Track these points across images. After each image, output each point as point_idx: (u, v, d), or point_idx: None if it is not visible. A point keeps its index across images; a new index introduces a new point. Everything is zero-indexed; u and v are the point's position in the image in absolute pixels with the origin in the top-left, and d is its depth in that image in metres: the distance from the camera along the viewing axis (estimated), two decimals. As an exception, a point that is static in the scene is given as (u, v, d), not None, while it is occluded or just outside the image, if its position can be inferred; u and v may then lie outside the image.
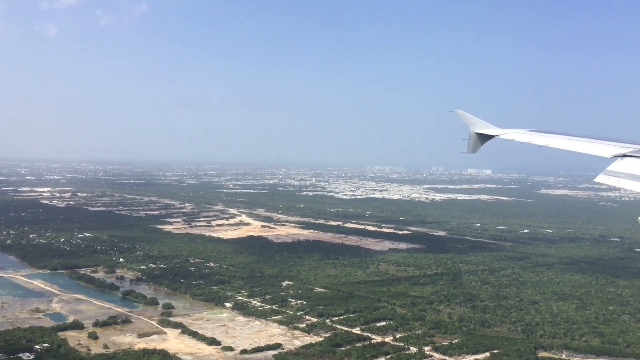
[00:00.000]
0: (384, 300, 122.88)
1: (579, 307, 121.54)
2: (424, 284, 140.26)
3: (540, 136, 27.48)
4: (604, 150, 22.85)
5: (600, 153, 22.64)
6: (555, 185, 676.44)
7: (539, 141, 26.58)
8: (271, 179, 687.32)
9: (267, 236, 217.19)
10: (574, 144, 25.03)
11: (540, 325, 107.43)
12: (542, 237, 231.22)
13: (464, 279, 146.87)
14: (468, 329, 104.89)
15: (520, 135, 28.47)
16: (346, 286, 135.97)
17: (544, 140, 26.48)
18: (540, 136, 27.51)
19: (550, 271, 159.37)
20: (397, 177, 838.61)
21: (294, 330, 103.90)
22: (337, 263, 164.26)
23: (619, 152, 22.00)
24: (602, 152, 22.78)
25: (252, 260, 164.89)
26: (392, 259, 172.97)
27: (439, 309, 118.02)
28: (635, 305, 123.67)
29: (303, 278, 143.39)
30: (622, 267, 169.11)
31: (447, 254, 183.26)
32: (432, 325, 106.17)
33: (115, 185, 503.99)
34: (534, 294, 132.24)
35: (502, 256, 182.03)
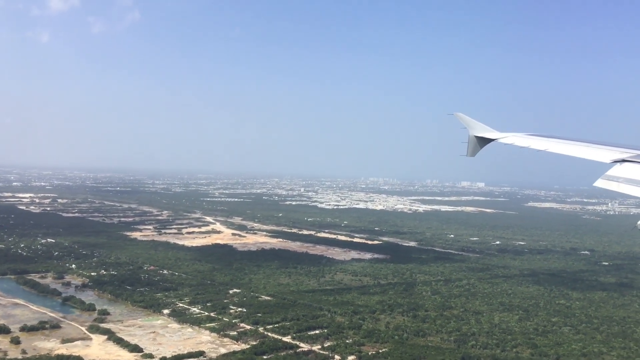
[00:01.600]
0: (325, 309, 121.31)
1: (522, 318, 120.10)
2: (373, 294, 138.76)
3: (540, 140, 27.23)
4: (603, 155, 22.65)
5: (600, 158, 22.49)
6: (544, 199, 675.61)
7: (538, 145, 26.32)
8: (260, 188, 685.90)
9: (233, 244, 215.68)
10: (573, 148, 24.78)
11: (475, 336, 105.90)
12: (512, 249, 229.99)
13: (415, 289, 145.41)
14: (400, 338, 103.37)
15: (519, 139, 28.13)
16: (293, 295, 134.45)
17: (543, 145, 26.21)
18: (539, 140, 27.25)
19: (506, 283, 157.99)
20: (388, 188, 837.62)
21: (224, 338, 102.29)
22: (293, 272, 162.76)
23: (618, 157, 21.85)
24: (601, 157, 22.60)
25: (207, 268, 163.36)
26: (351, 268, 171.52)
27: (378, 318, 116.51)
28: (580, 318, 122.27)
29: (252, 286, 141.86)
30: (581, 280, 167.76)
31: (409, 264, 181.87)
32: (365, 334, 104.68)
33: (100, 193, 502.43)
34: (481, 305, 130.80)
35: (464, 267, 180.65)
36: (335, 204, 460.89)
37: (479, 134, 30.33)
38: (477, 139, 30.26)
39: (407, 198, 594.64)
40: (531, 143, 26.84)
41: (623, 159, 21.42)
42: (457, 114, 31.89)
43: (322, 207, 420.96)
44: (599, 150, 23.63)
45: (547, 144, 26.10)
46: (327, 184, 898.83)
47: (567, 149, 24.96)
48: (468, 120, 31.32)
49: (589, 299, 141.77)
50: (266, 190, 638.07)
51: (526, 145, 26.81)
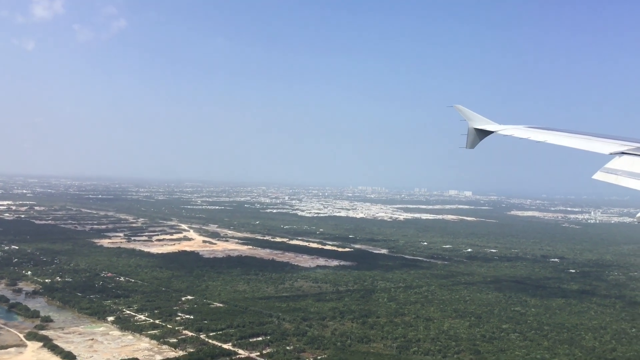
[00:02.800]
0: (275, 315, 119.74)
1: (472, 325, 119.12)
2: (329, 300, 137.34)
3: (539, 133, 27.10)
4: (602, 148, 22.46)
5: (599, 150, 22.31)
6: (528, 207, 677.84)
7: (537, 137, 26.27)
8: (245, 196, 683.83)
9: (200, 251, 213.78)
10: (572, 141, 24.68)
11: (420, 342, 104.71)
12: (482, 256, 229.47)
13: (373, 296, 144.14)
14: (343, 345, 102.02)
15: (518, 131, 28.00)
16: (247, 301, 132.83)
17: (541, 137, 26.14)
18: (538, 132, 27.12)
19: (466, 290, 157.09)
20: (374, 197, 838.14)
21: (163, 345, 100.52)
22: (253, 279, 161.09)
23: (617, 149, 21.68)
24: (600, 149, 22.42)
25: (166, 275, 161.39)
26: (313, 275, 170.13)
27: (327, 325, 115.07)
28: (532, 324, 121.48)
29: (207, 293, 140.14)
30: (544, 287, 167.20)
31: (373, 271, 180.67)
32: (308, 340, 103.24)
33: (80, 200, 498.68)
34: (435, 312, 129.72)
35: (428, 274, 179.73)
36: (316, 212, 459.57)
37: (479, 126, 30.34)
38: (477, 131, 30.27)
39: (391, 206, 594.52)
40: (530, 135, 26.82)
41: (622, 151, 21.21)
42: (457, 106, 31.93)
43: (302, 215, 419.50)
44: (598, 142, 23.44)
45: (545, 136, 26.04)
46: (313, 192, 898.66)
47: (566, 141, 24.85)
48: (467, 112, 31.31)
49: (546, 306, 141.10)
50: (250, 199, 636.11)
51: (525, 137, 26.77)
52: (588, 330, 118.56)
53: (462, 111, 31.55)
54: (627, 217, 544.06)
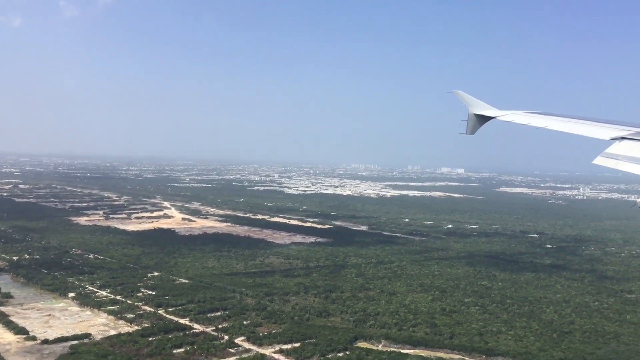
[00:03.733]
0: (238, 291, 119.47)
1: (435, 299, 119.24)
2: (296, 276, 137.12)
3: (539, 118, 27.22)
4: (602, 133, 22.56)
5: (599, 135, 22.44)
6: (518, 184, 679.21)
7: (537, 123, 26.36)
8: (235, 174, 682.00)
9: (178, 229, 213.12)
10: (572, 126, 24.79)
11: (378, 316, 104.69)
12: (461, 232, 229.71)
13: (342, 272, 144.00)
14: (300, 319, 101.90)
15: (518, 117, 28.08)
16: (213, 277, 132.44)
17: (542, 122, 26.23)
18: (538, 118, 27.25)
19: (437, 264, 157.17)
20: (366, 174, 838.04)
21: (120, 321, 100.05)
22: (224, 255, 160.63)
23: (617, 134, 21.79)
24: (600, 134, 22.52)
25: (137, 252, 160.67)
26: (286, 252, 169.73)
27: (289, 300, 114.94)
28: (495, 298, 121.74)
29: (175, 270, 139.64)
30: (516, 262, 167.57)
31: (348, 247, 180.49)
32: (266, 315, 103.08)
33: (67, 178, 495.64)
34: (401, 286, 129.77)
35: (402, 250, 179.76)
36: (303, 189, 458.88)
37: (479, 112, 30.31)
38: (477, 116, 30.26)
39: (380, 184, 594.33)
40: (530, 121, 26.86)
41: (622, 136, 21.35)
42: (457, 92, 31.84)
43: (288, 193, 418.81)
44: (598, 127, 23.56)
45: (546, 122, 26.09)
46: (305, 170, 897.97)
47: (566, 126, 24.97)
48: (468, 98, 31.27)
49: (514, 280, 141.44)
50: (240, 177, 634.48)
51: (525, 123, 26.76)
52: (550, 303, 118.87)
53: (462, 97, 31.45)
54: (616, 193, 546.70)
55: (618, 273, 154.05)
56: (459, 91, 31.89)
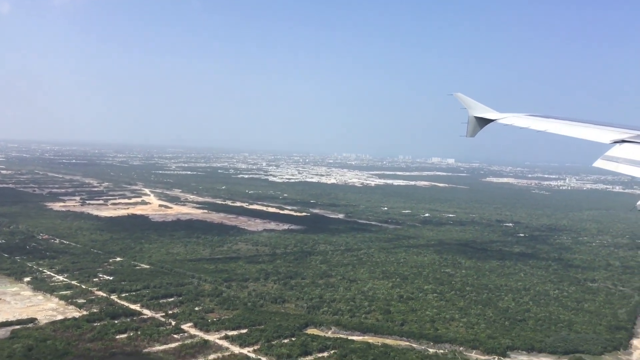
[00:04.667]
0: (197, 277, 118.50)
1: (395, 286, 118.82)
2: (260, 262, 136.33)
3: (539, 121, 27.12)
4: (602, 136, 22.58)
5: (599, 139, 22.42)
6: (506, 174, 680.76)
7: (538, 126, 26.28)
8: (223, 162, 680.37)
9: (152, 215, 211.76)
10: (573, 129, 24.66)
11: (334, 303, 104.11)
12: (437, 221, 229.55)
13: (307, 259, 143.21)
14: (254, 305, 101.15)
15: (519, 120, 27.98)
16: (175, 263, 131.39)
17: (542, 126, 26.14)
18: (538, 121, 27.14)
19: (405, 252, 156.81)
20: (355, 163, 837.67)
21: (70, 306, 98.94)
22: (193, 241, 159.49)
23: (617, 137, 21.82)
24: (600, 137, 22.53)
25: (105, 238, 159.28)
26: (256, 238, 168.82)
27: (247, 286, 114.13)
28: (455, 286, 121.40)
29: (138, 255, 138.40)
30: (485, 250, 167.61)
31: (319, 234, 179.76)
32: (220, 301, 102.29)
33: (52, 165, 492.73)
34: (364, 273, 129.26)
35: (373, 237, 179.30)
36: (289, 177, 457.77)
37: (479, 115, 30.15)
38: (477, 119, 30.13)
39: (368, 173, 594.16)
40: (531, 124, 26.75)
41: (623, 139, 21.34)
42: (457, 95, 31.68)
43: (272, 181, 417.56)
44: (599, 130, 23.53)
45: (546, 125, 26.03)
46: (295, 158, 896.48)
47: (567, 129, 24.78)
48: (468, 100, 31.11)
49: (479, 267, 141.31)
50: (228, 165, 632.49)
51: (526, 126, 26.67)
52: (510, 291, 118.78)
53: (463, 99, 31.21)
54: (602, 184, 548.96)
55: (584, 262, 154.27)
56: (459, 94, 31.71)
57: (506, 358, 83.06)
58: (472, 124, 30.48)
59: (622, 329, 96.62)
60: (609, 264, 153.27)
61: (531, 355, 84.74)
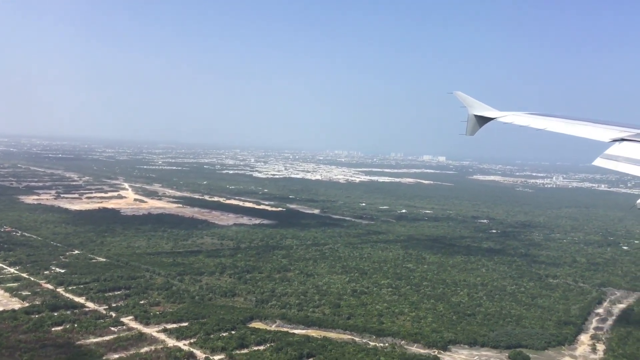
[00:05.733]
0: (151, 270, 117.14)
1: (352, 280, 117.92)
2: (221, 256, 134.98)
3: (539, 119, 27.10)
4: (602, 134, 22.55)
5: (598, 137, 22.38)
6: (494, 172, 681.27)
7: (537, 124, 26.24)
8: (212, 158, 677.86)
9: (124, 209, 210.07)
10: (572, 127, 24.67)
11: (284, 297, 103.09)
12: (412, 217, 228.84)
13: (270, 253, 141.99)
14: (202, 299, 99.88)
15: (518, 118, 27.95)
16: (133, 257, 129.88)
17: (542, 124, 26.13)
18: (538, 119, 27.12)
19: (371, 247, 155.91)
20: (345, 160, 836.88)
21: (14, 297, 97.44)
22: (158, 235, 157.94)
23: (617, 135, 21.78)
24: (600, 136, 22.48)
25: (69, 231, 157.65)
26: (223, 233, 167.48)
27: (200, 280, 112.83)
28: (413, 280, 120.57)
29: (98, 249, 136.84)
30: (453, 245, 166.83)
31: (289, 229, 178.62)
32: (168, 294, 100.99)
33: (37, 159, 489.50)
34: (323, 268, 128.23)
35: (343, 232, 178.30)
36: (274, 173, 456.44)
37: (478, 113, 30.12)
38: (477, 118, 30.09)
39: (356, 169, 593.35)
40: (530, 122, 26.78)
41: (622, 137, 21.31)
42: (457, 93, 31.63)
43: (256, 177, 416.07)
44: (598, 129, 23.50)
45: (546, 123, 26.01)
46: (286, 155, 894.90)
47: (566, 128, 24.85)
48: (467, 99, 31.10)
49: (442, 263, 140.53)
50: (216, 160, 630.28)
51: (525, 124, 26.69)
52: (467, 286, 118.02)
53: (462, 98, 31.16)
54: (588, 182, 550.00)
55: (550, 258, 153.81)
56: (459, 92, 31.52)
57: (447, 352, 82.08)
58: (471, 122, 30.34)
59: (571, 324, 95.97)
60: (575, 260, 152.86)
61: (473, 349, 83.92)
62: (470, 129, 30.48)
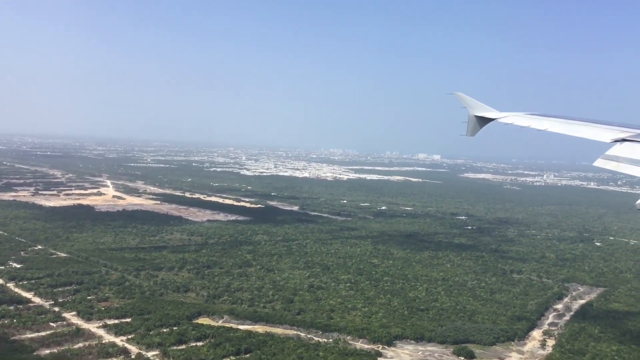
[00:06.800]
0: (109, 265, 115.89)
1: (312, 275, 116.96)
2: (185, 252, 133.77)
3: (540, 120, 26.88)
4: (603, 135, 22.38)
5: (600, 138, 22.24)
6: (486, 170, 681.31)
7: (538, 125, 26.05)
8: (203, 156, 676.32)
9: (99, 206, 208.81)
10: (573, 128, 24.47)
11: (238, 292, 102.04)
12: (391, 213, 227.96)
13: (237, 249, 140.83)
14: (153, 294, 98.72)
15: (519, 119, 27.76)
16: (94, 252, 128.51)
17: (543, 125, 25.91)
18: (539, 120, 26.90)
19: (341, 243, 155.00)
20: (338, 158, 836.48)
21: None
22: (127, 231, 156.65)
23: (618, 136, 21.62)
24: (601, 136, 22.33)
25: (37, 227, 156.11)
26: (194, 228, 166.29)
27: (156, 275, 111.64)
28: (375, 276, 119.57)
29: (61, 244, 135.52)
30: (424, 241, 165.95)
31: (262, 225, 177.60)
32: (119, 290, 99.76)
33: (25, 157, 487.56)
34: (287, 263, 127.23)
35: (315, 229, 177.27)
36: (262, 171, 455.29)
37: (479, 114, 29.97)
38: (477, 118, 29.96)
39: (347, 167, 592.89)
40: (531, 123, 26.61)
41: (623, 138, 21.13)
42: (457, 94, 31.41)
43: (243, 174, 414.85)
44: (599, 129, 23.36)
45: (547, 124, 25.80)
46: (279, 153, 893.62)
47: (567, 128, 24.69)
48: (468, 99, 30.94)
49: (408, 258, 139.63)
50: (207, 158, 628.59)
51: (526, 125, 26.53)
52: (428, 281, 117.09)
53: (463, 98, 31.00)
54: (578, 180, 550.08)
55: (519, 254, 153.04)
56: (460, 93, 31.30)
57: (391, 347, 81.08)
58: (472, 123, 30.18)
59: (525, 319, 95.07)
60: (544, 256, 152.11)
61: (419, 345, 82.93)
62: (471, 129, 30.45)
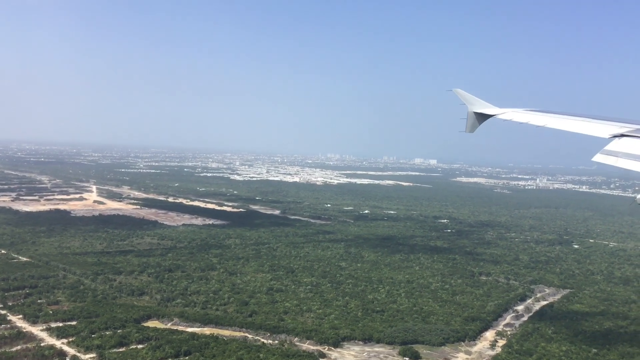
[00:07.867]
0: (68, 270, 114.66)
1: (275, 279, 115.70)
2: (151, 256, 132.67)
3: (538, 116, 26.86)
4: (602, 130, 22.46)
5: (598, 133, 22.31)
6: (480, 174, 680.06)
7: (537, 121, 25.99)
8: (197, 162, 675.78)
9: (77, 210, 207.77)
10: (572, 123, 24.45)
11: (192, 295, 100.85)
12: (373, 217, 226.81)
13: (206, 252, 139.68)
14: (105, 298, 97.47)
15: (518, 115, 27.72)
16: (57, 257, 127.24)
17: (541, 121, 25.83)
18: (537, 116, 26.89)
19: (312, 246, 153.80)
20: (333, 164, 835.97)
21: None
22: (97, 236, 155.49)
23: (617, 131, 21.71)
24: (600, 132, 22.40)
25: (7, 231, 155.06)
26: (167, 233, 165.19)
27: (114, 279, 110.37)
28: (339, 279, 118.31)
29: (25, 248, 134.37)
30: (399, 244, 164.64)
31: (238, 229, 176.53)
32: (72, 294, 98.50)
33: (16, 163, 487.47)
34: (252, 266, 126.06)
35: (290, 232, 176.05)
36: (252, 176, 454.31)
37: (478, 110, 29.93)
38: (476, 114, 29.91)
39: (340, 172, 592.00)
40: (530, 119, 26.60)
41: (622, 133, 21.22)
42: (456, 90, 31.31)
43: (233, 179, 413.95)
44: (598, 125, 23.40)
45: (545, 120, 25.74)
46: (276, 159, 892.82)
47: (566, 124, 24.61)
48: (467, 96, 30.87)
49: (377, 261, 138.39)
50: (200, 164, 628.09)
51: (525, 121, 26.49)
52: (391, 284, 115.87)
53: (462, 95, 30.89)
54: (570, 184, 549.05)
55: (493, 256, 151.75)
56: (458, 89, 31.18)
57: (337, 348, 79.83)
58: (471, 119, 30.03)
59: (479, 320, 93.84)
60: (517, 258, 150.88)
61: (366, 346, 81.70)
62: (470, 125, 30.17)
